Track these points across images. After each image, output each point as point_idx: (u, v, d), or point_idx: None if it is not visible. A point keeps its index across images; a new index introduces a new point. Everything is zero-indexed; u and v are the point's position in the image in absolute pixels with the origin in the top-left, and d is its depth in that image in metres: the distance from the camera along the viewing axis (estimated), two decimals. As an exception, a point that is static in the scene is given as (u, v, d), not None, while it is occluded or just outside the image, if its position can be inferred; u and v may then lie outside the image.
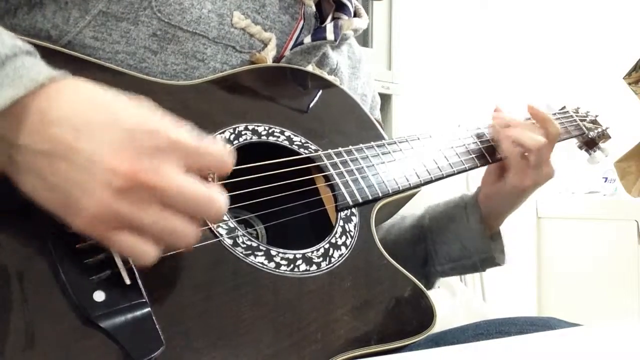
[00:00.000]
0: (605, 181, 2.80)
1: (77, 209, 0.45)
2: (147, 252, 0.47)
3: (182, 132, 0.48)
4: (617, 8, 2.90)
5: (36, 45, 0.57)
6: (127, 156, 0.45)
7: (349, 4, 0.87)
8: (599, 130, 1.07)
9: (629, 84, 2.04)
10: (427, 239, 0.92)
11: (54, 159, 0.44)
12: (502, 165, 0.88)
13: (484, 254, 0.89)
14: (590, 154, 1.08)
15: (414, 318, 0.63)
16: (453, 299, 2.08)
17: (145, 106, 0.49)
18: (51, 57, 0.58)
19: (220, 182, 0.60)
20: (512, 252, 0.96)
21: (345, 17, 0.85)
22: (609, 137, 1.10)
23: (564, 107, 1.07)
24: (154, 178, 0.45)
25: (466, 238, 0.89)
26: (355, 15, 0.89)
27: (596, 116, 1.09)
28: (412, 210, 0.99)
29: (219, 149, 0.50)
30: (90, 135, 0.45)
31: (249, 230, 0.70)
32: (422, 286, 0.66)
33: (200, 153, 0.49)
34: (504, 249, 0.93)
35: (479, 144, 0.87)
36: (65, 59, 0.60)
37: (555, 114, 1.02)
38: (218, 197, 0.49)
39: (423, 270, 0.93)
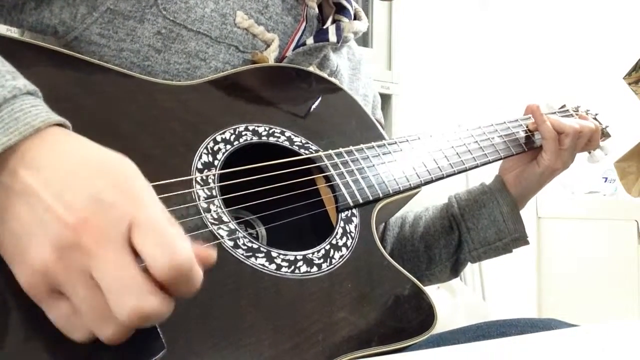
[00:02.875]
0: (605, 181, 2.80)
1: (22, 260, 0.41)
2: (76, 330, 0.42)
3: (157, 210, 0.42)
4: (617, 8, 2.90)
5: (37, 47, 0.58)
6: (84, 215, 0.40)
7: (349, 6, 0.87)
8: (599, 129, 1.07)
9: (629, 84, 2.04)
10: (461, 227, 0.94)
11: (19, 201, 0.42)
12: (531, 152, 0.94)
13: (516, 234, 0.93)
14: (590, 153, 1.08)
15: (414, 319, 0.63)
16: (453, 299, 2.08)
17: (136, 177, 0.44)
18: (53, 58, 0.59)
19: (221, 184, 0.60)
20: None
21: (345, 20, 0.85)
22: (609, 136, 1.10)
23: (563, 106, 1.07)
24: (96, 243, 0.40)
25: (500, 222, 0.92)
26: (355, 18, 0.89)
27: (596, 114, 1.09)
28: (412, 209, 1.00)
29: (182, 251, 0.41)
30: (58, 187, 0.41)
31: (249, 231, 0.70)
32: (423, 287, 0.66)
33: (167, 243, 0.41)
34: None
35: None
36: (67, 60, 0.60)
37: (555, 112, 1.02)
38: (147, 302, 0.40)
39: (454, 257, 0.95)
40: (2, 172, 0.42)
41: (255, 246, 0.58)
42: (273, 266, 0.58)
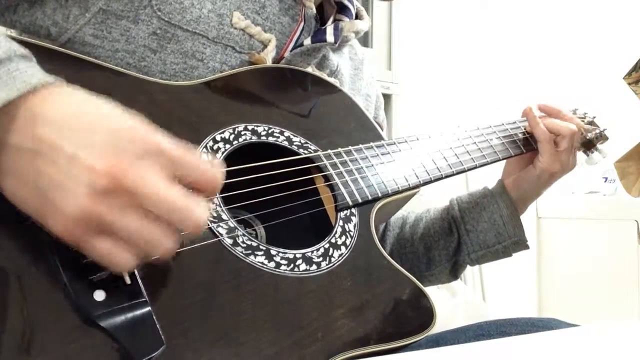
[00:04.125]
0: (605, 181, 2.80)
1: (55, 212, 0.43)
2: (124, 260, 0.45)
3: (171, 142, 0.47)
4: (617, 8, 2.90)
5: (35, 45, 0.58)
6: (111, 159, 0.43)
7: (350, 6, 0.87)
8: (597, 131, 1.07)
9: (629, 84, 2.04)
10: (460, 229, 0.94)
11: (37, 158, 0.43)
12: (530, 154, 0.94)
13: (515, 237, 0.92)
14: (588, 155, 1.08)
15: (414, 318, 0.63)
16: (453, 299, 2.08)
17: (136, 116, 0.48)
18: (50, 57, 0.59)
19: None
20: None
21: (346, 19, 0.85)
22: (607, 138, 1.10)
23: None
24: (135, 181, 0.44)
25: (500, 225, 0.92)
26: (357, 17, 0.89)
27: (594, 117, 1.09)
28: (412, 209, 1.00)
29: (209, 164, 0.49)
30: (75, 137, 0.44)
31: (248, 230, 0.70)
32: (422, 286, 0.66)
33: (187, 165, 0.47)
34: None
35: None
36: (64, 58, 0.60)
37: None
38: (199, 209, 0.46)
39: (453, 259, 0.95)
40: (9, 135, 0.44)
41: (254, 244, 0.58)
42: (272, 264, 0.58)
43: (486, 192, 0.95)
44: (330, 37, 0.80)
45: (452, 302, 2.07)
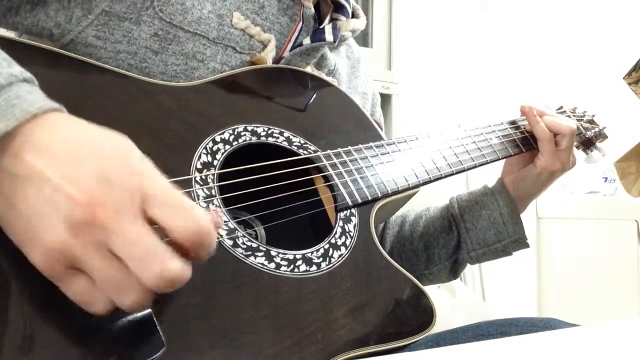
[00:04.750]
0: (605, 181, 2.80)
1: (34, 241, 0.42)
2: (97, 303, 0.43)
3: (162, 183, 0.45)
4: (617, 8, 2.90)
5: (37, 48, 0.58)
6: (94, 191, 0.42)
7: (347, 4, 0.87)
8: (596, 129, 1.07)
9: (629, 84, 2.04)
10: (459, 227, 0.94)
11: (26, 184, 0.42)
12: (530, 153, 0.94)
13: (515, 235, 0.92)
14: (587, 154, 1.08)
15: (414, 318, 0.63)
16: (453, 299, 2.08)
17: (134, 151, 0.46)
18: (51, 60, 0.59)
19: (220, 184, 0.61)
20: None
21: (343, 18, 0.85)
22: (606, 137, 1.10)
23: (561, 107, 1.07)
24: (111, 217, 0.41)
25: (500, 223, 0.92)
26: (353, 16, 0.89)
27: (593, 116, 1.09)
28: (414, 208, 1.00)
29: (201, 217, 0.44)
30: (64, 167, 0.43)
31: (248, 230, 0.70)
32: (422, 286, 0.66)
33: (175, 210, 0.43)
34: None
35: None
36: (66, 61, 0.60)
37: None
38: (169, 264, 0.42)
39: (452, 257, 0.95)
40: (4, 158, 0.43)
41: (254, 245, 0.58)
42: (272, 265, 0.58)
43: (486, 190, 0.96)
44: (329, 36, 0.80)
45: (451, 302, 2.07)
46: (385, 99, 2.31)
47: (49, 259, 0.42)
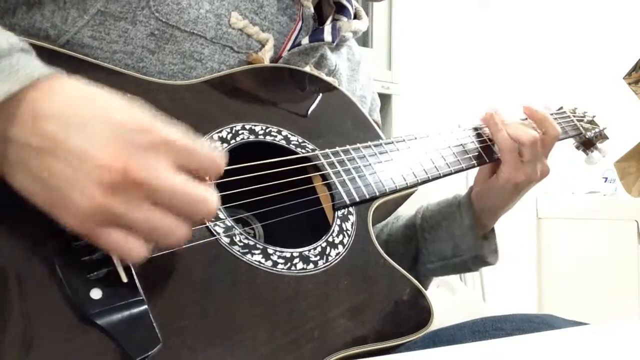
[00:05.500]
0: (605, 181, 2.81)
1: (67, 206, 0.44)
2: (137, 250, 0.46)
3: (174, 131, 0.48)
4: (617, 8, 2.90)
5: (35, 46, 0.58)
6: (119, 152, 0.44)
7: (349, 5, 0.86)
8: (597, 130, 1.07)
9: (629, 84, 2.04)
10: (418, 237, 0.92)
11: (43, 154, 0.44)
12: (495, 163, 0.88)
13: (474, 252, 0.88)
14: (587, 155, 1.08)
15: (411, 317, 0.63)
16: (452, 298, 2.08)
17: (139, 105, 0.48)
18: (49, 57, 0.59)
19: (218, 181, 0.61)
20: (512, 252, 0.96)
21: (344, 19, 0.85)
22: (607, 138, 1.10)
23: (561, 108, 1.07)
24: (145, 175, 0.45)
25: (457, 236, 0.88)
26: (355, 17, 0.89)
27: (593, 116, 1.09)
28: (410, 209, 0.99)
29: (211, 149, 0.50)
30: (81, 132, 0.44)
31: (246, 229, 0.70)
32: (419, 285, 0.66)
33: (191, 152, 0.48)
34: (497, 249, 0.92)
35: (477, 143, 0.87)
36: (64, 58, 0.61)
37: (552, 114, 1.01)
38: (208, 197, 0.48)
39: (414, 269, 0.93)
40: (13, 127, 0.44)
41: (251, 243, 0.58)
42: (269, 263, 0.58)
43: (453, 200, 0.92)
44: (327, 36, 0.80)
45: (451, 300, 2.07)
46: (385, 99, 2.31)
47: (87, 221, 0.44)
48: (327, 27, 0.81)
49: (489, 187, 0.88)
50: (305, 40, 0.79)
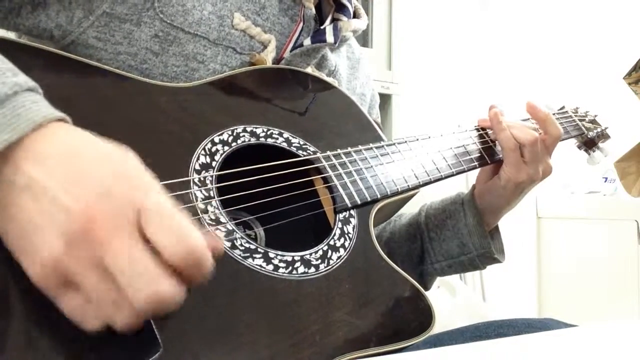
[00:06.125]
0: (605, 181, 2.80)
1: (30, 254, 0.41)
2: (90, 320, 0.42)
3: (161, 198, 0.43)
4: (617, 8, 2.90)
5: (38, 49, 0.58)
6: (92, 204, 0.41)
7: (348, 4, 0.86)
8: (598, 130, 1.07)
9: (629, 84, 2.04)
10: (423, 236, 0.91)
11: (23, 194, 0.42)
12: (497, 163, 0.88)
13: (482, 249, 0.88)
14: (589, 154, 1.08)
15: (412, 320, 0.63)
16: (453, 299, 2.08)
17: (135, 166, 0.45)
18: (52, 61, 0.59)
19: (218, 185, 0.61)
20: (512, 252, 0.96)
21: (344, 19, 0.85)
22: (609, 137, 1.09)
23: (562, 107, 1.07)
24: (105, 233, 0.40)
25: (464, 235, 0.88)
26: (354, 16, 0.88)
27: (595, 116, 1.09)
28: (411, 207, 0.99)
29: (196, 238, 0.42)
30: (63, 178, 0.42)
31: (247, 232, 0.70)
32: (420, 288, 0.66)
33: (177, 234, 0.42)
34: (503, 247, 0.93)
35: (478, 144, 0.87)
36: (67, 62, 0.60)
37: (554, 114, 1.01)
38: (161, 285, 0.41)
39: (419, 268, 0.92)
40: (5, 168, 0.43)
41: (252, 247, 0.58)
42: (270, 267, 0.58)
43: (456, 199, 0.92)
44: (330, 37, 0.80)
45: (451, 302, 2.07)
46: (385, 99, 2.31)
47: (44, 272, 0.41)
48: (329, 28, 0.81)
49: (491, 187, 0.88)
50: (307, 42, 0.79)
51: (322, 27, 0.82)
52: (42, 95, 0.47)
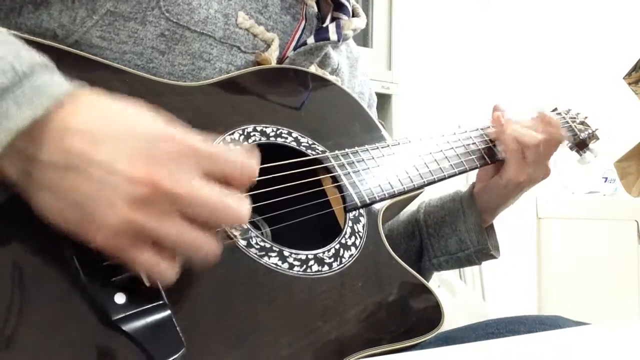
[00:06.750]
0: (605, 181, 2.81)
1: (96, 225, 0.43)
2: (166, 270, 0.46)
3: (200, 139, 0.47)
4: (617, 8, 2.90)
5: (45, 46, 0.57)
6: (146, 165, 0.43)
7: (347, 3, 0.86)
8: (589, 131, 1.09)
9: (629, 84, 2.04)
10: (422, 233, 0.92)
11: (70, 172, 0.43)
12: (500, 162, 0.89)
13: (479, 246, 0.89)
14: (580, 155, 1.09)
15: (423, 317, 0.63)
16: (453, 298, 2.08)
17: (161, 116, 0.48)
18: (59, 58, 0.58)
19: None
20: (512, 252, 0.96)
21: (345, 17, 0.85)
22: (598, 138, 1.11)
23: (555, 109, 1.08)
24: (173, 185, 0.44)
25: (463, 232, 0.89)
26: (353, 15, 0.89)
27: (585, 117, 1.10)
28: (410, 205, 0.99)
29: (239, 154, 0.48)
30: (107, 147, 0.44)
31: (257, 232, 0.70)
32: (429, 285, 0.67)
33: (220, 159, 0.47)
34: (498, 243, 0.94)
35: (479, 144, 0.88)
36: (74, 59, 0.60)
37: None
38: (240, 207, 0.47)
39: (417, 264, 0.93)
40: (41, 149, 0.44)
41: (267, 245, 0.59)
42: (285, 265, 0.58)
43: (455, 196, 0.93)
44: (333, 35, 0.80)
45: (451, 301, 2.07)
46: (385, 99, 2.31)
47: (116, 239, 0.43)
48: (332, 26, 0.81)
49: (491, 185, 0.90)
50: (310, 40, 0.79)
51: (324, 26, 0.82)
52: (56, 69, 0.48)
